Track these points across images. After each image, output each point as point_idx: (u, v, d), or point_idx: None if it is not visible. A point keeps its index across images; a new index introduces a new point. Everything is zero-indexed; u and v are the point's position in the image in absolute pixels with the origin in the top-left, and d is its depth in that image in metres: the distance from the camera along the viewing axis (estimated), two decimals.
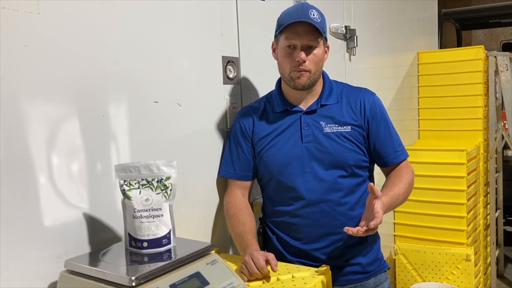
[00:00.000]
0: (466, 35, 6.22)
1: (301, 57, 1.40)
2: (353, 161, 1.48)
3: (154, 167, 1.13)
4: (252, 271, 1.26)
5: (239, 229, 1.45)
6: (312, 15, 1.39)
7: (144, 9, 1.33)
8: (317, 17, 1.40)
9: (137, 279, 0.96)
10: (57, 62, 1.11)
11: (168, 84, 1.41)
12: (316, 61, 1.44)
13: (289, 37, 1.42)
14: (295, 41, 1.41)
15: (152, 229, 1.11)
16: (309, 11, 1.40)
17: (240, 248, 1.43)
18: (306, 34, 1.40)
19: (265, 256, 1.29)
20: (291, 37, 1.41)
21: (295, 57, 1.41)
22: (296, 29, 1.40)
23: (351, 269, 1.53)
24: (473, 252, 2.66)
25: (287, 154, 1.48)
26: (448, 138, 3.20)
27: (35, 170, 1.06)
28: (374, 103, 1.52)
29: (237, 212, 1.49)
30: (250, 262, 1.27)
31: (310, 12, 1.40)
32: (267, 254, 1.30)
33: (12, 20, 1.01)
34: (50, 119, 1.10)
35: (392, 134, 1.53)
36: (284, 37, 1.43)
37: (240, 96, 1.71)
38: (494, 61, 3.23)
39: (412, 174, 1.53)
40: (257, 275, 1.26)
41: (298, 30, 1.40)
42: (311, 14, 1.39)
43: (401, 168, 1.53)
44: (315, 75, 1.46)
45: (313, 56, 1.43)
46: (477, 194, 2.97)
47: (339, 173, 1.47)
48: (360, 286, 1.54)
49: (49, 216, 1.09)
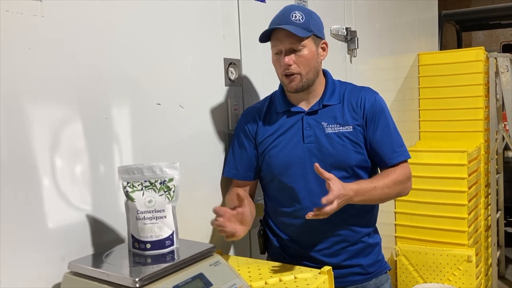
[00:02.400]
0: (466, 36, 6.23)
1: (285, 62, 1.42)
2: (355, 162, 1.47)
3: (157, 169, 1.14)
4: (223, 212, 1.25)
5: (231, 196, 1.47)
6: (294, 17, 1.41)
7: (146, 12, 1.34)
8: (299, 18, 1.41)
9: (141, 281, 0.96)
10: (60, 65, 1.11)
11: (170, 86, 1.42)
12: (304, 62, 1.43)
13: (273, 43, 1.46)
14: (278, 47, 1.44)
15: (155, 231, 1.12)
16: (290, 15, 1.41)
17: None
18: (287, 38, 1.41)
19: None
20: (275, 44, 1.45)
21: (281, 63, 1.44)
22: (277, 35, 1.43)
23: (352, 271, 1.53)
24: (474, 253, 2.66)
25: (289, 155, 1.49)
26: (448, 139, 3.20)
27: (38, 172, 1.07)
28: (375, 101, 1.50)
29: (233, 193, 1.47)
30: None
31: (292, 15, 1.41)
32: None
33: (16, 23, 1.02)
34: (53, 121, 1.10)
35: (392, 134, 1.51)
36: (271, 44, 1.47)
37: (241, 98, 1.71)
38: (495, 62, 3.23)
39: (403, 176, 1.47)
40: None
41: (279, 36, 1.43)
42: (292, 17, 1.40)
43: (395, 168, 1.48)
44: (308, 76, 1.45)
45: (300, 58, 1.43)
46: (478, 195, 2.97)
47: (341, 174, 1.45)
48: (361, 287, 1.54)
49: (52, 218, 1.10)
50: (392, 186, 1.45)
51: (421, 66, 3.30)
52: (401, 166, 1.49)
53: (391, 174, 1.46)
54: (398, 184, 1.47)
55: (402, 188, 1.49)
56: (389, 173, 1.47)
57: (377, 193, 1.42)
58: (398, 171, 1.47)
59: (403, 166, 1.50)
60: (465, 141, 3.09)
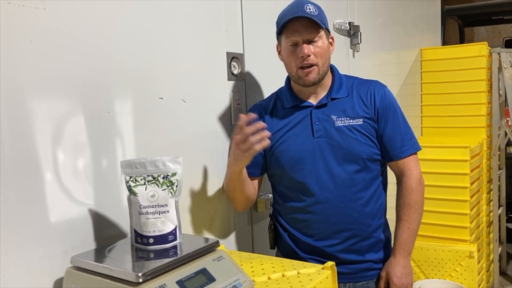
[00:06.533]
0: (468, 32, 6.20)
1: (305, 52, 1.40)
2: (366, 155, 1.46)
3: (160, 163, 1.13)
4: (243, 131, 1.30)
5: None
6: (308, 9, 1.40)
7: (149, 5, 1.33)
8: (313, 11, 1.40)
9: (144, 275, 0.95)
10: (62, 58, 1.10)
11: (173, 80, 1.41)
12: (321, 54, 1.43)
13: (289, 35, 1.42)
14: (296, 38, 1.41)
15: (158, 225, 1.11)
16: (304, 6, 1.40)
17: (228, 175, 1.49)
18: (305, 28, 1.40)
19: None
20: (291, 35, 1.42)
21: (298, 54, 1.41)
22: (294, 26, 1.41)
23: (364, 266, 1.52)
24: (476, 249, 2.65)
25: (298, 149, 1.47)
26: (451, 135, 3.19)
27: (40, 166, 1.06)
28: (384, 94, 1.50)
29: None
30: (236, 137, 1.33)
31: (305, 7, 1.40)
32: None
33: (17, 15, 1.01)
34: (55, 116, 1.10)
35: (401, 127, 1.50)
36: (285, 36, 1.44)
37: (244, 93, 1.70)
38: (498, 58, 3.22)
39: (417, 193, 1.52)
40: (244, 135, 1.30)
41: (296, 27, 1.40)
42: (306, 9, 1.39)
43: (408, 191, 1.51)
44: (324, 67, 1.45)
45: (318, 49, 1.42)
46: (480, 191, 2.97)
47: (352, 168, 1.45)
48: (372, 282, 1.54)
49: (55, 213, 1.09)
50: (419, 214, 1.53)
51: (424, 62, 3.28)
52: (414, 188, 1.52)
53: (407, 202, 1.51)
54: (417, 201, 1.53)
55: (420, 197, 1.54)
56: (404, 201, 1.52)
57: (413, 225, 1.51)
58: (409, 195, 1.51)
59: (417, 183, 1.53)
60: (468, 136, 3.09)
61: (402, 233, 1.50)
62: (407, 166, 1.52)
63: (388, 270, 1.49)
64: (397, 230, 1.52)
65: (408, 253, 1.50)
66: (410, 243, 1.50)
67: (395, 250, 1.50)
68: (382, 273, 1.52)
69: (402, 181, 1.52)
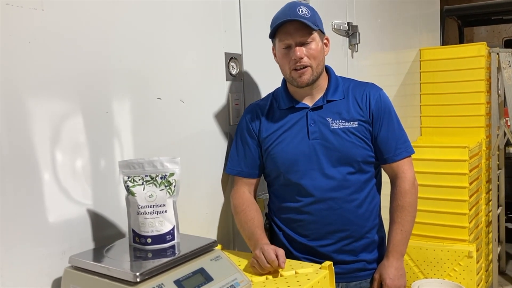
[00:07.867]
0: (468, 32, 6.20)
1: (297, 55, 1.42)
2: (361, 157, 1.48)
3: (158, 164, 1.13)
4: (263, 265, 1.26)
5: (248, 224, 1.46)
6: (301, 11, 1.41)
7: (147, 6, 1.33)
8: (306, 13, 1.41)
9: (142, 275, 0.96)
10: (60, 59, 1.11)
11: (171, 80, 1.41)
12: (314, 55, 1.44)
13: (282, 38, 1.44)
14: (288, 40, 1.43)
15: (156, 225, 1.12)
16: (296, 9, 1.41)
17: (250, 244, 1.44)
18: (298, 31, 1.41)
19: (275, 250, 1.29)
20: (283, 38, 1.44)
21: (291, 56, 1.43)
22: (287, 29, 1.42)
23: (357, 266, 1.53)
24: (475, 249, 2.65)
25: (294, 151, 1.49)
26: (450, 135, 3.19)
27: (39, 166, 1.07)
28: (380, 98, 1.51)
29: (245, 208, 1.50)
30: (261, 256, 1.27)
31: (298, 10, 1.41)
32: (277, 249, 1.30)
33: (16, 16, 1.01)
34: (53, 116, 1.10)
35: (396, 130, 1.52)
36: (278, 39, 1.46)
37: (243, 93, 1.71)
38: (497, 58, 3.22)
39: (411, 196, 1.52)
40: (268, 268, 1.26)
41: (289, 30, 1.42)
42: (299, 11, 1.41)
43: (402, 194, 1.52)
44: (318, 69, 1.46)
45: (311, 51, 1.43)
46: (479, 191, 2.97)
47: (347, 170, 1.47)
48: (365, 282, 1.55)
49: (53, 213, 1.09)
50: (412, 216, 1.53)
51: (423, 62, 3.28)
52: (407, 191, 1.53)
53: (400, 204, 1.52)
54: (414, 209, 1.54)
55: (414, 199, 1.54)
56: (397, 204, 1.52)
57: (406, 227, 1.51)
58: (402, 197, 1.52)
59: (411, 186, 1.53)
60: (467, 136, 3.09)
61: (396, 235, 1.51)
62: (401, 168, 1.53)
63: (381, 272, 1.50)
64: (390, 233, 1.53)
65: (401, 255, 1.52)
66: (403, 245, 1.51)
67: (388, 252, 1.51)
68: (376, 275, 1.53)
69: (396, 184, 1.54)
